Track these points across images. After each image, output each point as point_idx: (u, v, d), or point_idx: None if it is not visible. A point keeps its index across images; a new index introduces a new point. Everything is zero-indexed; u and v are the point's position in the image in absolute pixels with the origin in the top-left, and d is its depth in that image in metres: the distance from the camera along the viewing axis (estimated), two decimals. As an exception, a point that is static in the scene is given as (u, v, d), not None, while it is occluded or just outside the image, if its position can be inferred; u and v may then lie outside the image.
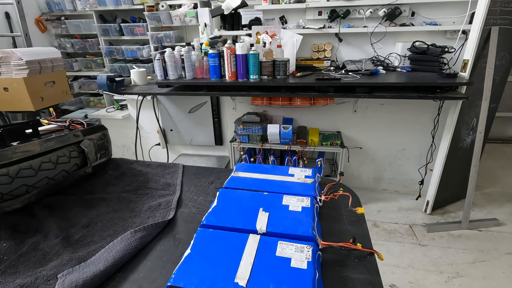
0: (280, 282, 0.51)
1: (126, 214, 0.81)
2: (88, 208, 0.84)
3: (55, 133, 0.93)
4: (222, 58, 1.94)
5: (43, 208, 0.83)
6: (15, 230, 0.75)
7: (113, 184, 0.98)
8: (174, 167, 1.08)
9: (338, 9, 2.27)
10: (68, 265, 0.63)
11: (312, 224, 0.64)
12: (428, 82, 1.84)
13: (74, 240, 0.72)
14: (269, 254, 0.57)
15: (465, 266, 1.79)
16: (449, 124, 2.01)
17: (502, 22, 1.85)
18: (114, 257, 0.62)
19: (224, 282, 0.51)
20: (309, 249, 0.57)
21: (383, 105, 2.33)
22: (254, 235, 0.62)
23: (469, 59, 1.84)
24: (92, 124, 1.07)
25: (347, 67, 2.15)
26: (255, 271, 0.53)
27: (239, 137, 2.36)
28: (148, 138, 2.79)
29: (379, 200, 2.50)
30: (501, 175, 2.78)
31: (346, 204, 0.79)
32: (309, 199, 0.72)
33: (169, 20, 3.31)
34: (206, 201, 0.87)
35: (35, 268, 0.63)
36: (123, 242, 0.66)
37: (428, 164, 2.40)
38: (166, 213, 0.81)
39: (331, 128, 2.50)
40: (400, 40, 2.30)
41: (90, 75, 3.85)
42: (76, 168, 0.94)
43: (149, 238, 0.71)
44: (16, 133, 0.86)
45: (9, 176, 0.74)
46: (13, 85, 2.06)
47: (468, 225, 2.09)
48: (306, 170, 0.89)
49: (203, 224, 0.67)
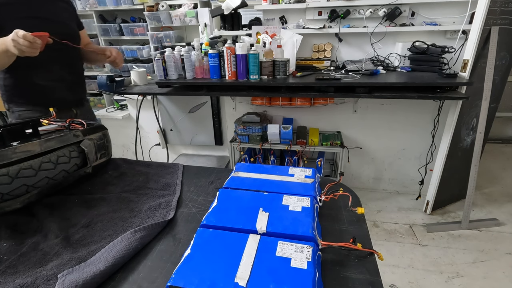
0: (280, 282, 0.51)
1: (126, 214, 0.81)
2: (88, 208, 0.84)
3: (55, 133, 0.93)
4: (222, 58, 1.94)
5: (43, 208, 0.83)
6: (15, 230, 0.75)
7: (113, 184, 0.98)
8: (174, 167, 1.08)
9: (338, 9, 2.27)
10: (68, 265, 0.63)
11: (312, 224, 0.64)
12: (428, 82, 1.84)
13: (74, 240, 0.72)
14: (269, 254, 0.57)
15: (465, 266, 1.79)
16: (449, 124, 2.01)
17: (502, 22, 1.85)
18: (114, 257, 0.62)
19: (224, 282, 0.51)
20: (309, 249, 0.57)
21: (383, 105, 2.33)
22: (254, 235, 0.62)
23: (469, 59, 1.84)
24: (92, 124, 1.07)
25: (347, 67, 2.15)
26: (255, 271, 0.53)
27: (239, 137, 2.36)
28: (148, 138, 2.79)
29: (379, 200, 2.50)
30: (501, 175, 2.79)
31: (346, 204, 0.79)
32: (309, 199, 0.72)
33: (169, 20, 3.31)
34: (206, 201, 0.87)
35: (35, 268, 0.63)
36: (123, 242, 0.66)
37: (428, 164, 2.40)
38: (166, 213, 0.81)
39: (331, 128, 2.50)
40: (400, 40, 2.30)
41: (90, 75, 3.86)
42: (76, 168, 0.94)
43: (149, 238, 0.71)
44: (16, 133, 0.86)
45: (9, 176, 0.74)
46: (13, 85, 2.06)
47: (468, 225, 2.09)
48: (306, 170, 0.89)
49: (203, 224, 0.67)
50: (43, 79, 1.28)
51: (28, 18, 1.21)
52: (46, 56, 1.15)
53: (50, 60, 1.23)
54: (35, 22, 1.22)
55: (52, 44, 1.18)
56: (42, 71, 1.25)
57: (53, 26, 1.26)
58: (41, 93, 1.31)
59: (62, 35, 1.24)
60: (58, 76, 1.33)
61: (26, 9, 1.21)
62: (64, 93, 1.38)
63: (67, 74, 1.37)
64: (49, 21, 1.28)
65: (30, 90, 1.29)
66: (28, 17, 1.21)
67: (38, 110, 1.31)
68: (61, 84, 1.35)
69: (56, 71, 1.31)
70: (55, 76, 1.31)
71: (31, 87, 1.28)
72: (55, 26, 1.28)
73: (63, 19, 1.34)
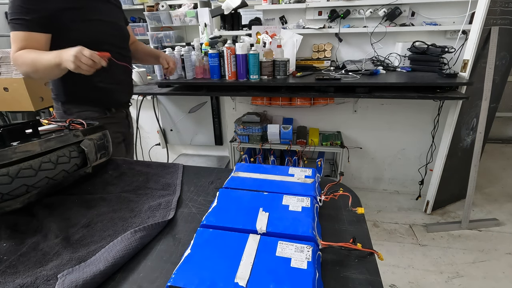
0: (280, 282, 0.51)
1: (126, 214, 0.81)
2: (88, 208, 0.84)
3: (55, 133, 0.93)
4: (222, 58, 1.95)
5: (43, 208, 0.83)
6: (15, 230, 0.75)
7: (113, 184, 0.98)
8: (174, 167, 1.08)
9: (338, 9, 2.27)
10: (68, 265, 0.63)
11: (312, 224, 0.64)
12: (428, 82, 1.84)
13: (74, 240, 0.72)
14: (269, 254, 0.57)
15: (465, 266, 1.79)
16: (449, 124, 2.01)
17: (502, 22, 1.85)
18: (114, 257, 0.62)
19: (224, 282, 0.51)
20: (309, 249, 0.57)
21: (383, 105, 2.33)
22: (254, 235, 0.62)
23: (469, 59, 1.84)
24: (92, 124, 1.07)
25: (347, 67, 2.15)
26: (255, 271, 0.53)
27: (239, 137, 2.36)
28: (148, 138, 2.79)
29: (379, 200, 2.50)
30: (501, 175, 2.79)
31: (346, 204, 0.79)
32: (309, 199, 0.72)
33: (169, 20, 3.31)
34: (206, 201, 0.87)
35: (35, 268, 0.63)
36: (123, 242, 0.66)
37: (428, 164, 2.40)
38: (166, 213, 0.80)
39: (331, 128, 2.50)
40: (400, 40, 2.30)
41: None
42: (76, 168, 0.94)
43: (149, 238, 0.71)
44: (16, 133, 0.86)
45: (9, 176, 0.74)
46: (13, 85, 2.06)
47: (468, 225, 2.09)
48: (306, 170, 0.88)
49: (203, 224, 0.67)
50: (105, 82, 1.30)
51: (93, 21, 1.21)
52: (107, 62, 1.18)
53: (112, 63, 1.22)
54: (99, 25, 1.23)
55: (114, 48, 1.22)
56: (105, 74, 1.24)
57: (112, 29, 1.29)
58: (101, 95, 1.33)
59: (119, 38, 1.32)
60: (117, 79, 1.35)
61: (89, 12, 1.19)
62: (121, 95, 1.43)
63: (124, 76, 1.41)
64: (109, 24, 1.28)
65: (91, 92, 1.30)
66: (93, 20, 1.21)
67: (96, 110, 1.34)
68: (119, 86, 1.39)
69: (116, 74, 1.33)
70: (116, 79, 1.34)
71: (93, 89, 1.29)
72: (113, 28, 1.30)
73: (117, 20, 1.34)
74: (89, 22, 1.19)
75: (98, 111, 1.34)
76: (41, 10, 1.08)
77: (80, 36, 1.16)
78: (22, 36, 1.08)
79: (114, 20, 1.32)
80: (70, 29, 1.14)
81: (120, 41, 1.35)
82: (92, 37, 1.19)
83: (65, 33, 1.14)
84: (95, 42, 1.15)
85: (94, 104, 1.33)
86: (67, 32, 1.14)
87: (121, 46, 1.34)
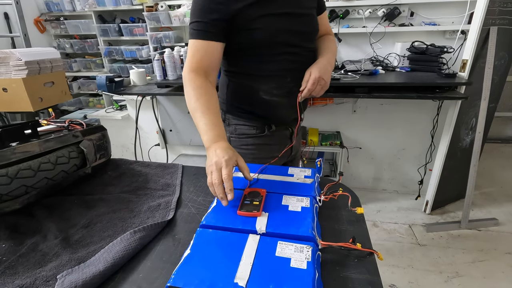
0: (280, 282, 0.51)
1: (125, 215, 0.81)
2: (87, 209, 0.84)
3: (54, 134, 0.93)
4: (222, 58, 1.94)
5: (42, 209, 0.83)
6: (14, 231, 0.75)
7: (113, 184, 0.98)
8: (173, 167, 1.08)
9: (337, 9, 2.27)
10: (67, 265, 0.63)
11: (312, 224, 0.64)
12: (427, 82, 1.84)
13: (73, 240, 0.71)
14: (269, 254, 0.57)
15: (464, 265, 1.79)
16: (448, 124, 2.01)
17: (501, 22, 1.85)
18: (113, 258, 0.62)
19: (223, 282, 0.51)
20: (308, 249, 0.57)
21: (382, 105, 2.33)
22: (254, 235, 0.62)
23: (468, 59, 1.85)
24: (92, 124, 1.07)
25: (346, 67, 2.15)
26: (255, 271, 0.53)
27: (238, 137, 2.35)
28: (148, 139, 2.78)
29: (378, 200, 2.51)
30: (500, 174, 2.79)
31: (346, 204, 0.79)
32: (309, 199, 0.72)
33: (168, 20, 3.31)
34: (205, 201, 0.87)
35: (35, 269, 0.63)
36: (122, 243, 0.66)
37: (427, 164, 2.40)
38: (166, 213, 0.80)
39: (330, 128, 2.50)
40: (399, 40, 2.30)
41: (89, 76, 3.85)
42: (75, 168, 0.93)
43: (149, 238, 0.71)
44: (15, 133, 0.86)
45: (8, 176, 0.73)
46: (12, 86, 2.06)
47: (467, 225, 2.09)
48: (305, 170, 0.88)
49: (202, 224, 0.67)
50: (269, 94, 1.04)
51: (282, 15, 0.94)
52: (280, 68, 0.99)
53: (284, 71, 1.01)
54: (286, 18, 0.95)
55: (288, 55, 0.98)
56: (272, 84, 1.03)
57: (299, 23, 0.99)
58: (263, 108, 1.08)
59: (303, 35, 1.00)
60: (286, 90, 1.05)
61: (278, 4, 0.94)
62: (286, 111, 1.10)
63: (296, 86, 1.04)
64: (297, 16, 0.98)
65: (253, 104, 1.07)
66: (282, 14, 0.94)
67: (254, 126, 1.11)
68: (286, 99, 1.07)
69: (285, 84, 1.04)
70: (284, 90, 1.05)
71: (255, 100, 1.05)
72: (301, 21, 0.99)
73: (308, 10, 1.02)
74: (284, 15, 0.95)
75: (256, 127, 1.11)
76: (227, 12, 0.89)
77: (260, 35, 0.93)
78: (200, 45, 0.92)
79: (305, 11, 1.01)
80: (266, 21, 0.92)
81: (307, 39, 1.04)
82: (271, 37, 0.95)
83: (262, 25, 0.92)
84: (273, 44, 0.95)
85: (253, 119, 1.11)
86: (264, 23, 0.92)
87: (305, 47, 1.03)
